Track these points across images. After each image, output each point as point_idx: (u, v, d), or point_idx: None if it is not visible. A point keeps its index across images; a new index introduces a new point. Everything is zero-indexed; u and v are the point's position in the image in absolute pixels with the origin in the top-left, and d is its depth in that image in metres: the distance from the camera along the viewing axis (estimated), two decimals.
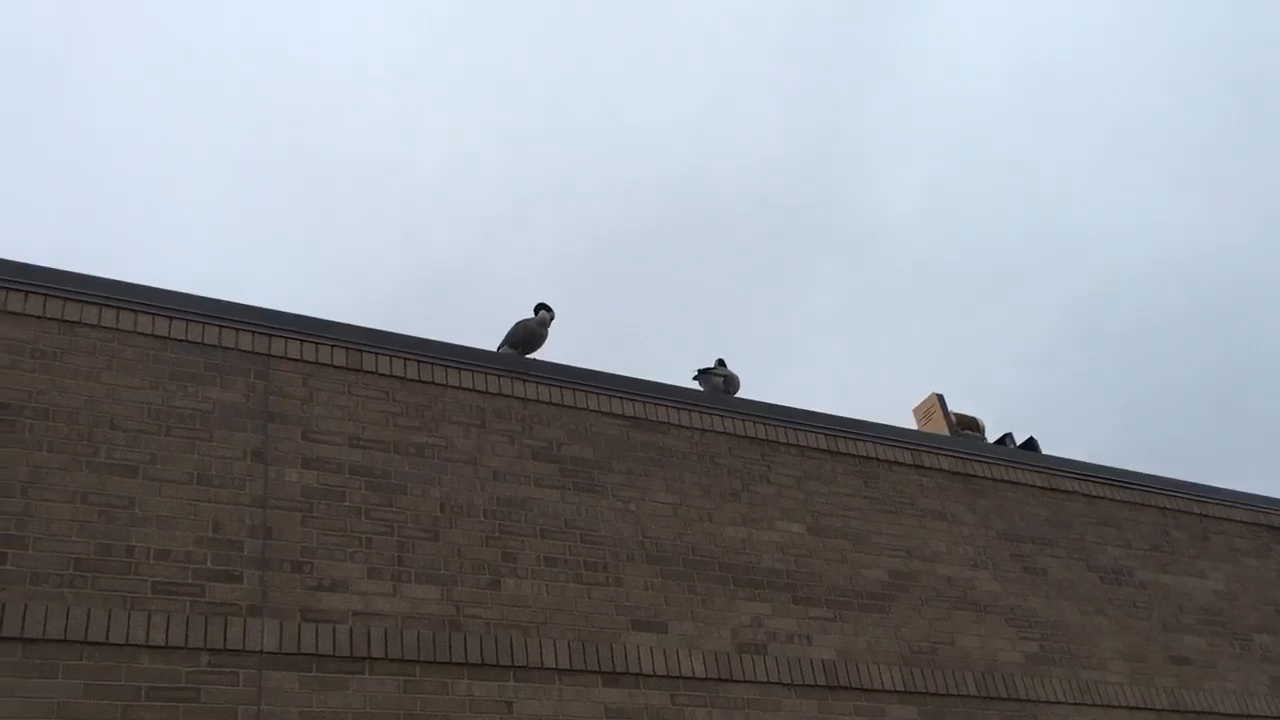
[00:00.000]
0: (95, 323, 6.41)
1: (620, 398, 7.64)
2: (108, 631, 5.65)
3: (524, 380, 7.40)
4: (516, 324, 7.88)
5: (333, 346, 6.87)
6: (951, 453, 8.89)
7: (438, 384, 7.11)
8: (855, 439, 8.48)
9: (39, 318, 6.32)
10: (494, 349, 7.88)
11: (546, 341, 7.95)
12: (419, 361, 7.14)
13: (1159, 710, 8.33)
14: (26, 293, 6.38)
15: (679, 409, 7.83)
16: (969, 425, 10.78)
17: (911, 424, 11.12)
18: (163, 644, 5.67)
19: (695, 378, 8.83)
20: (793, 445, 8.15)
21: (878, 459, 8.50)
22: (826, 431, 8.36)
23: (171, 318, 6.60)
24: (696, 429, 7.83)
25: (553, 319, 7.90)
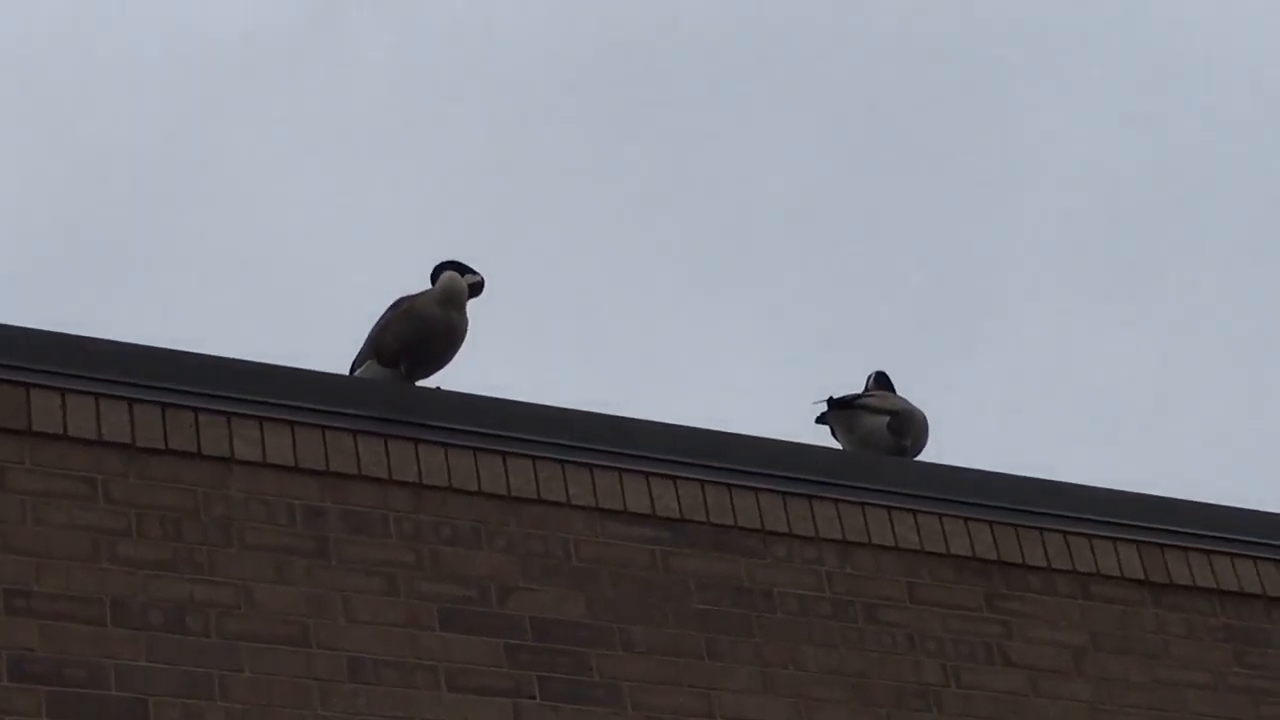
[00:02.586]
0: None
1: (643, 473, 5.71)
2: None
3: (417, 441, 5.43)
4: (396, 305, 6.00)
5: None
6: None
7: (211, 456, 5.03)
8: (1206, 550, 6.23)
9: None
10: (347, 369, 5.92)
11: (465, 343, 5.96)
12: (164, 404, 4.97)
13: None
14: None
15: (783, 494, 5.92)
16: None
17: None
18: None
19: (822, 419, 6.83)
20: (1059, 570, 6.05)
21: (1266, 595, 6.30)
22: (1139, 535, 6.17)
23: None
24: (831, 540, 5.90)
25: (478, 291, 5.94)
